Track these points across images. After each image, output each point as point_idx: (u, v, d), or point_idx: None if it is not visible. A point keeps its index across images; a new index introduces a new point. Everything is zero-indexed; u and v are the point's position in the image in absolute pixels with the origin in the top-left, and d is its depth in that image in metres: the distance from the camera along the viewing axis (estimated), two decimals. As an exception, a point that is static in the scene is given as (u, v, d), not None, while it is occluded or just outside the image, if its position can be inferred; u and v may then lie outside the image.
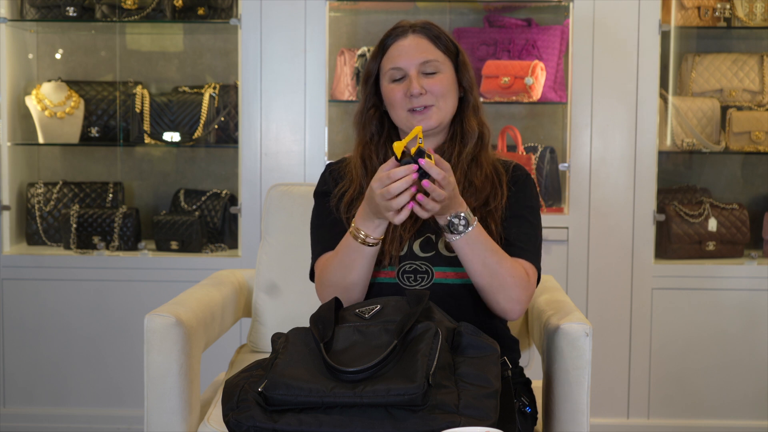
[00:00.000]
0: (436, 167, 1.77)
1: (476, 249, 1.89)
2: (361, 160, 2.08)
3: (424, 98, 2.02)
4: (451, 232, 1.88)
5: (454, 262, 1.99)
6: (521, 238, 2.01)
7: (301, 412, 1.66)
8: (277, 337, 1.83)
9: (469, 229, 1.87)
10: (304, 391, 1.66)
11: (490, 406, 1.67)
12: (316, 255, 2.09)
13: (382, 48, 2.07)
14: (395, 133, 2.11)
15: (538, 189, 3.57)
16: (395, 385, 1.63)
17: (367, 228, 1.90)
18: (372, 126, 2.10)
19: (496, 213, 2.02)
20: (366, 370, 1.66)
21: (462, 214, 1.86)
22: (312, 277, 2.11)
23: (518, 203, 2.05)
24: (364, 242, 1.91)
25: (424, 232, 2.03)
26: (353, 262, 1.94)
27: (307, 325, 1.85)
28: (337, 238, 2.02)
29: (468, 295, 2.00)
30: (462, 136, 2.07)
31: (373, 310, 1.81)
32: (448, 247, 1.99)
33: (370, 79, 2.09)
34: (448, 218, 1.86)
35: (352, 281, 1.96)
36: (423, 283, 1.99)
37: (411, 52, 2.03)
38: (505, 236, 2.01)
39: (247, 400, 1.71)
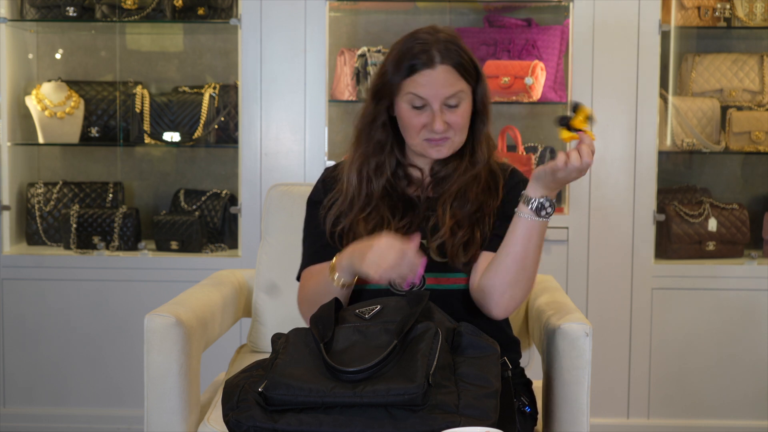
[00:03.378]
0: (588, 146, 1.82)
1: (539, 239, 1.90)
2: (357, 173, 2.05)
3: (444, 132, 1.99)
4: (547, 210, 1.87)
5: (446, 268, 1.99)
6: None
7: (301, 412, 1.66)
8: (277, 338, 1.83)
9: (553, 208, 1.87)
10: (304, 390, 1.66)
11: (490, 406, 1.67)
12: (302, 266, 2.10)
13: (408, 70, 1.98)
14: (399, 148, 2.07)
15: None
16: (395, 385, 1.63)
17: (344, 273, 1.92)
18: (374, 141, 2.05)
19: (489, 219, 2.01)
20: (366, 370, 1.66)
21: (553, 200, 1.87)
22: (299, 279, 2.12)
23: (515, 205, 2.02)
24: (337, 284, 1.93)
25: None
26: (326, 293, 1.95)
27: (307, 325, 1.85)
28: (323, 252, 2.03)
29: (459, 300, 2.00)
30: (471, 156, 2.05)
31: (373, 310, 1.81)
32: (439, 253, 1.99)
33: (387, 93, 2.02)
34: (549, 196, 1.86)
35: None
36: (414, 289, 1.99)
37: (438, 86, 1.96)
38: (498, 232, 2.00)
39: (247, 400, 1.71)
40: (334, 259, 1.94)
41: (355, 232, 2.01)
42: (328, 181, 2.13)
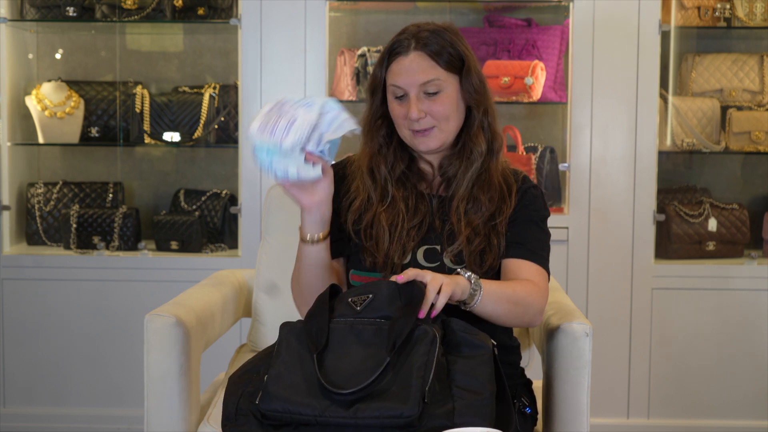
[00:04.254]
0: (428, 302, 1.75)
1: (497, 293, 1.87)
2: (369, 171, 2.05)
3: (424, 121, 1.97)
4: (473, 294, 1.84)
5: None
6: (532, 241, 2.00)
7: (297, 429, 1.66)
8: (284, 326, 1.81)
9: (480, 282, 1.84)
10: (298, 407, 1.65)
11: (486, 413, 1.66)
12: None
13: (388, 58, 2.00)
14: (405, 144, 2.06)
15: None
16: (391, 405, 1.62)
17: (303, 225, 1.94)
18: (380, 137, 2.05)
19: (501, 227, 2.00)
20: (361, 391, 1.64)
21: (467, 275, 1.83)
22: None
23: (530, 211, 2.02)
24: (303, 239, 1.94)
25: (429, 242, 2.01)
26: (303, 263, 1.98)
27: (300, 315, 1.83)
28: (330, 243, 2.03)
29: (458, 314, 1.97)
30: (469, 153, 2.02)
31: (365, 300, 1.78)
32: (453, 259, 1.97)
33: (377, 88, 2.03)
34: (470, 289, 1.82)
35: (305, 284, 1.99)
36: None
37: (411, 72, 1.96)
38: (515, 239, 1.99)
39: (245, 414, 1.71)
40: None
41: (377, 226, 2.01)
42: (335, 178, 2.11)
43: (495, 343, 1.78)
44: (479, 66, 2.04)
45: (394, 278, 1.76)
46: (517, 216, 2.01)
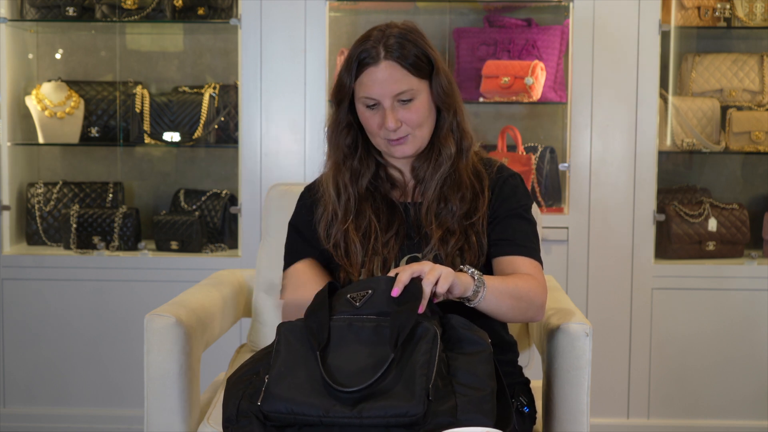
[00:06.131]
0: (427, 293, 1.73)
1: (500, 289, 1.87)
2: (334, 183, 2.03)
3: (400, 130, 1.95)
4: (477, 291, 1.83)
5: None
6: (521, 236, 1.99)
7: (300, 429, 1.66)
8: (282, 327, 1.80)
9: (483, 278, 1.83)
10: (302, 407, 1.64)
11: (487, 410, 1.67)
12: (283, 290, 2.09)
13: (357, 67, 1.97)
14: (374, 148, 2.05)
15: (533, 188, 3.57)
16: (396, 403, 1.62)
17: None
18: (344, 146, 2.03)
19: (478, 224, 1.98)
20: (365, 389, 1.64)
21: (470, 271, 1.83)
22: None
23: (512, 204, 2.01)
24: None
25: (411, 249, 1.99)
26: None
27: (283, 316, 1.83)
28: (304, 275, 2.03)
29: (458, 310, 1.96)
30: (438, 155, 2.00)
31: (364, 296, 1.77)
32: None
33: (345, 96, 2.00)
34: (473, 286, 1.82)
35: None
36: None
37: (384, 84, 1.93)
38: (502, 236, 1.99)
39: (247, 415, 1.71)
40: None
41: (347, 241, 2.00)
42: (307, 203, 2.10)
43: (490, 340, 1.78)
44: (446, 65, 2.02)
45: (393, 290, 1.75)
46: (499, 212, 2.00)
